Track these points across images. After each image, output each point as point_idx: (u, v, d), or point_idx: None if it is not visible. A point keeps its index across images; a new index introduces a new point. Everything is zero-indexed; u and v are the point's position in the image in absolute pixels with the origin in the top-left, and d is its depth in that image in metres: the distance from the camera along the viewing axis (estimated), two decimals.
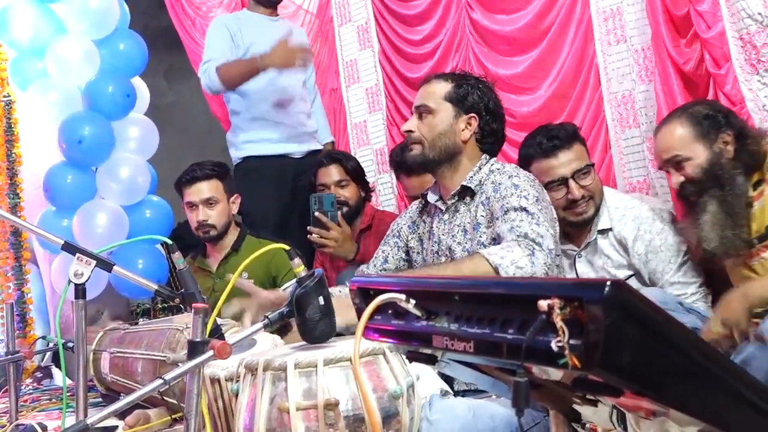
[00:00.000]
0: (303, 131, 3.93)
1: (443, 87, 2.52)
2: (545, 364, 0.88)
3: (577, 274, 2.78)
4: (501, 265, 2.08)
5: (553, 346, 0.84)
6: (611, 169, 3.27)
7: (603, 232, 2.72)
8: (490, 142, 2.53)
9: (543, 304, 0.86)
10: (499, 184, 2.37)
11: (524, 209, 2.24)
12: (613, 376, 0.84)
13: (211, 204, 3.41)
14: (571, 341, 0.84)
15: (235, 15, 4.12)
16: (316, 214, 3.28)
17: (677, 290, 2.57)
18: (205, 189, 3.41)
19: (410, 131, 2.53)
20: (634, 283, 2.66)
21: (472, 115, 2.49)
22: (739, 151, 2.34)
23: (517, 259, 2.10)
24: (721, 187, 2.31)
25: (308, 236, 3.28)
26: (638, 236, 2.64)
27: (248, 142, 3.87)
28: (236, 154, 3.91)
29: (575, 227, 2.76)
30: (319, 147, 3.99)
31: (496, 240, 2.30)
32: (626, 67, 3.24)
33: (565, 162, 2.69)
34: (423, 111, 2.52)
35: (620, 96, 3.28)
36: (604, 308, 0.82)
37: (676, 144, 2.39)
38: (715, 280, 2.56)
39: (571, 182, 2.68)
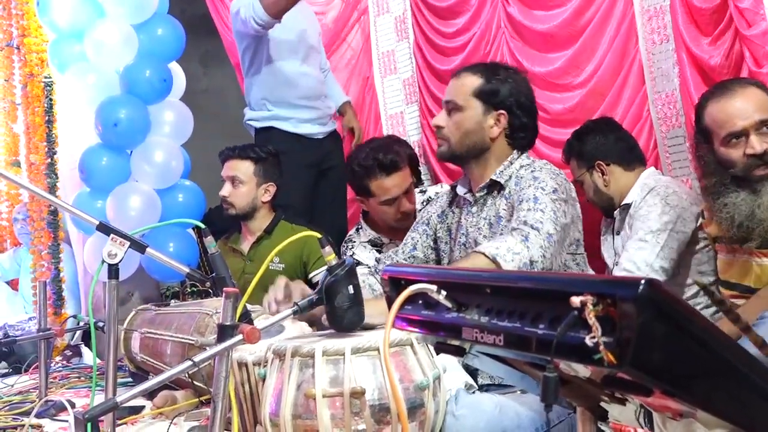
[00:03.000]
0: (327, 113, 3.99)
1: (472, 82, 2.45)
2: (575, 360, 0.88)
3: (613, 250, 2.99)
4: (498, 255, 2.07)
5: (588, 341, 0.83)
6: (659, 168, 3.23)
7: (624, 207, 2.90)
8: (521, 136, 2.48)
9: (575, 300, 0.86)
10: (521, 178, 2.36)
11: (535, 198, 2.23)
12: (643, 374, 0.84)
13: (235, 183, 3.46)
14: (603, 338, 0.84)
15: None
16: None
17: None
18: (234, 167, 3.46)
19: (439, 127, 2.49)
20: None
21: (502, 111, 2.43)
22: None
23: (511, 246, 2.10)
24: None
25: None
26: (637, 204, 2.81)
27: (274, 118, 3.90)
28: (256, 116, 3.94)
29: None
30: (335, 127, 4.06)
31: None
32: (670, 67, 3.20)
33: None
34: (451, 107, 2.46)
35: (664, 95, 3.24)
36: (638, 306, 0.81)
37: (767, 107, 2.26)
38: None
39: None
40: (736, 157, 2.27)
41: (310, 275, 3.36)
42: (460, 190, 2.57)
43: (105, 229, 1.80)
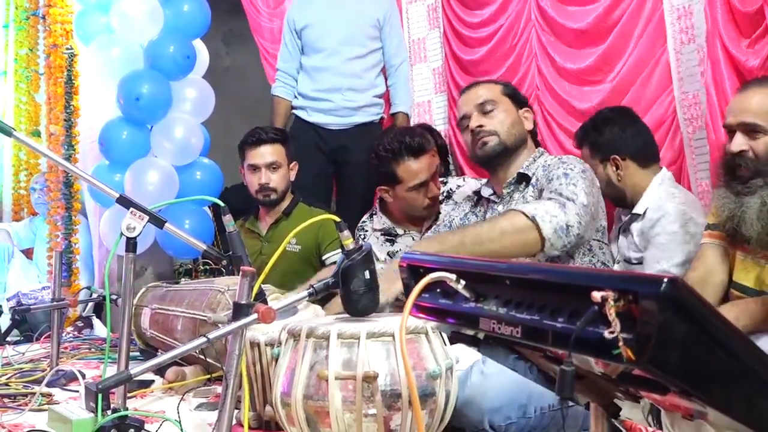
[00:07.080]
0: (346, 106, 3.95)
1: (493, 86, 2.69)
2: (593, 355, 0.88)
3: (618, 248, 2.95)
4: (536, 215, 2.21)
5: (606, 335, 0.83)
6: (684, 170, 3.18)
7: (636, 216, 2.84)
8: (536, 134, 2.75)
9: (596, 295, 0.86)
10: (548, 165, 2.51)
11: (566, 174, 2.37)
12: (661, 372, 0.83)
13: (274, 168, 3.46)
14: (622, 335, 0.84)
15: None
16: None
17: None
18: (269, 152, 3.46)
19: (481, 126, 2.59)
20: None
21: (527, 108, 2.67)
22: None
23: (549, 209, 2.24)
24: None
25: None
26: (652, 220, 2.73)
27: (297, 107, 4.02)
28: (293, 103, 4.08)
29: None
30: (366, 120, 4.00)
31: None
32: (696, 67, 3.16)
33: None
34: (488, 106, 2.60)
35: (691, 95, 3.20)
36: (660, 304, 0.81)
37: (762, 111, 2.13)
38: None
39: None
40: (726, 151, 2.21)
41: (324, 257, 3.42)
42: (485, 192, 2.63)
43: (125, 202, 1.80)
